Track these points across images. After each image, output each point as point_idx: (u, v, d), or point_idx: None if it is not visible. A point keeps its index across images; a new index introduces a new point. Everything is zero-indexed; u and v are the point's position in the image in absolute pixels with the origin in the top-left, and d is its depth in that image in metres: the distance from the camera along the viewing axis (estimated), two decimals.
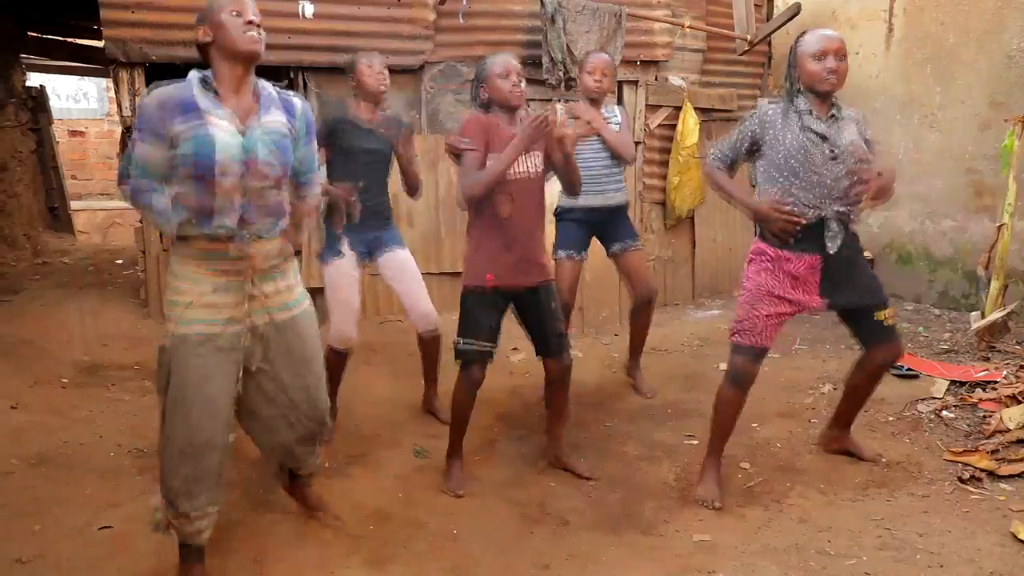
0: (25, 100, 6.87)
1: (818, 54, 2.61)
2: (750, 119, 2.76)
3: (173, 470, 2.10)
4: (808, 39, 2.66)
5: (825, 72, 2.60)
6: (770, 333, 2.76)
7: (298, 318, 2.23)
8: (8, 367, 3.76)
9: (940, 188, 5.35)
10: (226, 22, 2.01)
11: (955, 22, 5.18)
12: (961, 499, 2.79)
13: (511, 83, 2.76)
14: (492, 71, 2.78)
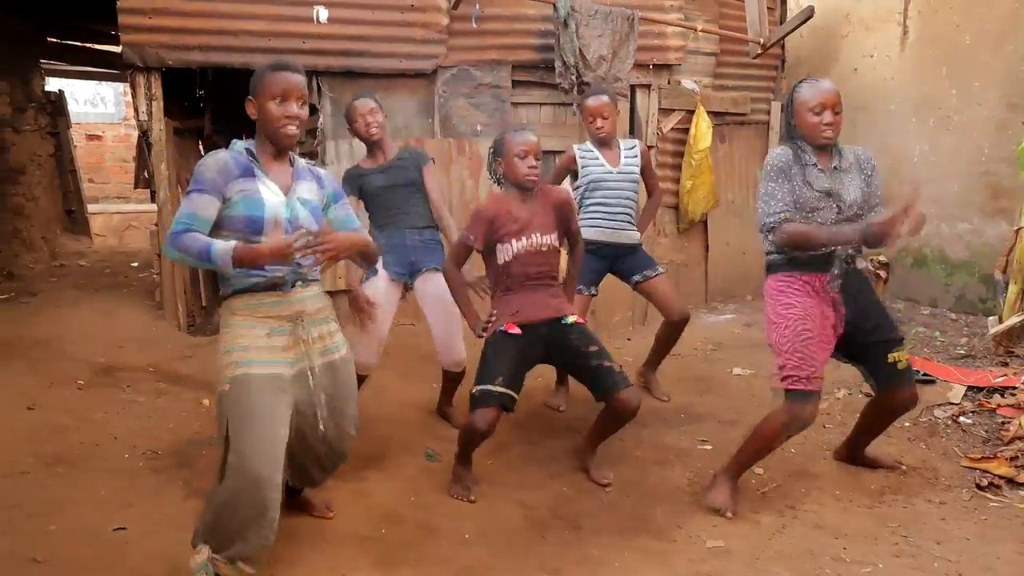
0: (44, 105, 6.95)
1: (816, 108, 2.60)
2: (776, 164, 2.64)
3: (232, 513, 2.07)
4: (805, 92, 2.64)
5: (822, 126, 2.60)
6: (822, 374, 2.65)
7: (339, 362, 2.34)
8: (25, 368, 3.79)
9: (956, 191, 5.30)
10: (269, 109, 2.16)
11: (970, 23, 5.13)
12: (979, 506, 2.75)
13: (527, 165, 2.79)
14: (510, 149, 2.81)
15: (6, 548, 2.39)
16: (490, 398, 2.68)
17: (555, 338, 2.86)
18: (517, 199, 2.87)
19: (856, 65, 5.96)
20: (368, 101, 3.32)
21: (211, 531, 2.13)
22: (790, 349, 2.62)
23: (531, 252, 2.85)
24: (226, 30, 4.49)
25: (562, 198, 2.94)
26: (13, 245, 6.02)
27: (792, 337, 2.62)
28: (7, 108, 6.13)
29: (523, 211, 2.85)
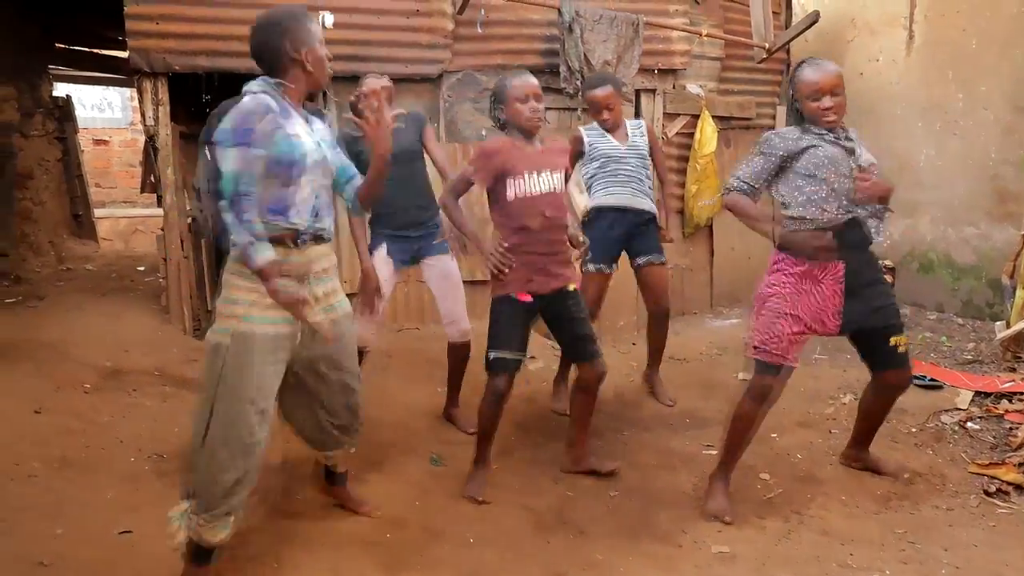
0: (52, 110, 6.98)
1: (815, 93, 2.62)
2: (775, 142, 2.70)
3: (220, 469, 2.09)
4: (803, 77, 2.65)
5: (821, 110, 2.62)
6: (796, 352, 2.70)
7: (341, 319, 2.37)
8: (32, 371, 3.80)
9: (963, 195, 5.28)
10: (322, 56, 2.26)
11: (977, 27, 5.12)
12: (987, 513, 2.74)
13: (529, 108, 2.77)
14: (511, 93, 2.78)
15: (13, 551, 2.40)
16: (507, 364, 2.83)
17: (555, 301, 2.90)
18: (523, 141, 2.84)
19: (862, 69, 5.95)
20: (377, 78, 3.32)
21: (195, 490, 2.12)
22: (763, 323, 2.72)
23: (543, 195, 2.80)
24: (232, 35, 4.50)
25: (562, 143, 3.05)
26: (20, 249, 6.04)
27: (768, 311, 2.72)
28: (15, 113, 6.15)
29: (531, 148, 2.84)
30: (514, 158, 2.79)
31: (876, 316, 2.73)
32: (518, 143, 2.83)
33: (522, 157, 2.80)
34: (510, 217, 2.82)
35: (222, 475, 2.09)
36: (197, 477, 2.12)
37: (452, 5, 4.84)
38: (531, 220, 2.79)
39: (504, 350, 2.81)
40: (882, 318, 2.74)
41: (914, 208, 5.63)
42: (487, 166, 2.79)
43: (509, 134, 2.86)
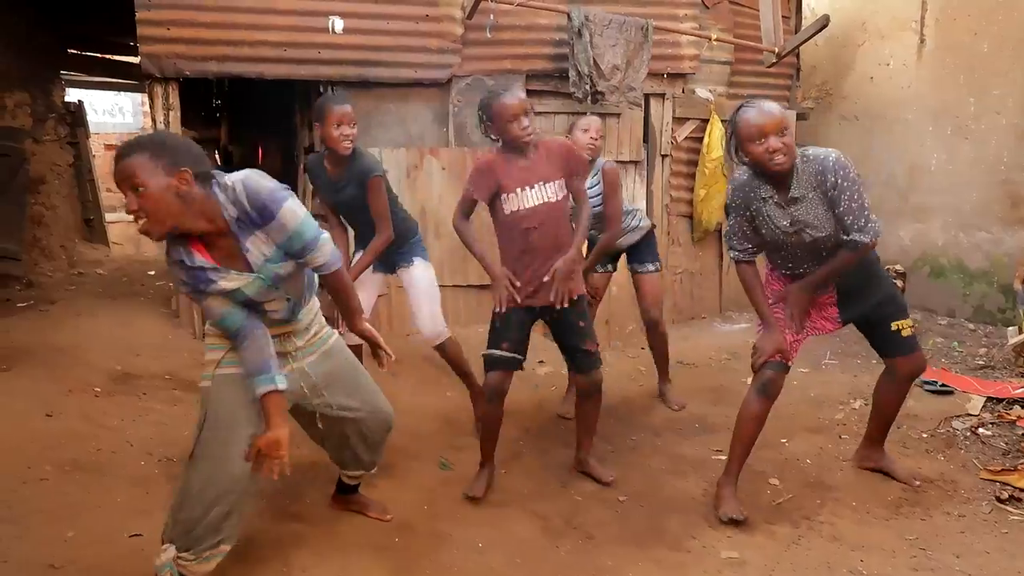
0: (64, 115, 7.04)
1: (755, 136, 2.45)
2: (733, 201, 2.67)
3: (203, 508, 2.08)
4: (743, 120, 2.47)
5: (767, 154, 2.44)
6: (795, 349, 2.78)
7: (329, 349, 2.37)
8: (44, 375, 3.83)
9: (974, 200, 5.25)
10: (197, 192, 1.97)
11: (989, 31, 5.10)
12: (999, 519, 2.71)
13: (520, 127, 2.74)
14: (499, 113, 2.75)
15: (24, 554, 2.41)
16: (498, 362, 2.85)
17: (556, 310, 2.88)
18: (515, 154, 2.83)
19: (872, 74, 5.93)
20: (346, 104, 3.10)
21: (183, 528, 2.10)
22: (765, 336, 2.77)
23: (539, 207, 2.79)
24: (242, 41, 4.54)
25: (562, 145, 2.90)
26: (33, 254, 6.09)
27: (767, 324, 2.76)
28: (28, 119, 6.21)
29: (524, 161, 2.82)
30: (505, 174, 2.80)
31: (874, 309, 2.78)
32: (510, 157, 2.83)
33: (513, 172, 2.80)
34: (508, 231, 2.86)
35: (212, 510, 2.08)
36: (185, 515, 2.09)
37: (461, 10, 4.85)
38: (527, 233, 2.81)
39: (496, 348, 2.85)
40: (880, 308, 2.78)
41: (925, 213, 5.60)
42: (481, 183, 2.83)
43: (501, 148, 2.86)
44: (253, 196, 1.95)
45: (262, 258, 2.03)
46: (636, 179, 5.40)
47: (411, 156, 4.87)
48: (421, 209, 4.82)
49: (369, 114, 4.86)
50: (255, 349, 2.08)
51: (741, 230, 2.72)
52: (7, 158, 5.57)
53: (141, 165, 1.87)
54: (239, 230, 1.98)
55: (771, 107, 2.48)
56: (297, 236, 2.02)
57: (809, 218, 2.57)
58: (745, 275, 2.76)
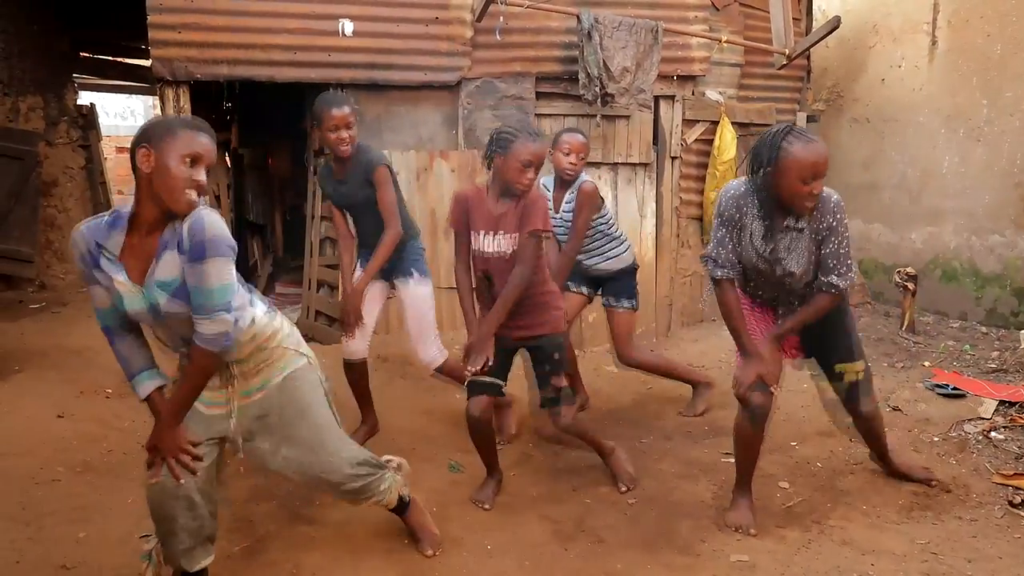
0: (76, 118, 7.09)
1: (807, 176, 2.35)
2: (726, 210, 2.57)
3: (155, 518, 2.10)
4: (800, 154, 2.35)
5: (809, 196, 2.39)
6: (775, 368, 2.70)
7: (283, 385, 2.16)
8: (56, 377, 3.86)
9: (987, 203, 5.22)
10: (174, 169, 1.82)
11: (1002, 33, 5.07)
12: (1012, 524, 2.69)
13: (527, 176, 2.65)
14: (517, 155, 2.63)
15: (37, 555, 2.43)
16: (478, 387, 2.82)
17: (527, 346, 2.88)
18: (496, 195, 2.76)
19: (884, 76, 5.91)
20: (344, 107, 3.04)
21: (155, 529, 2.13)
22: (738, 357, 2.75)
23: (491, 255, 2.76)
24: (253, 44, 4.56)
25: (534, 201, 2.71)
26: (45, 256, 6.14)
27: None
28: (41, 122, 6.27)
29: (499, 207, 2.75)
30: (475, 212, 2.78)
31: (824, 347, 2.78)
32: (487, 198, 2.77)
33: (482, 214, 2.76)
34: (475, 264, 2.85)
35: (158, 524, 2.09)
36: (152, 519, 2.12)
37: (471, 12, 4.86)
38: (485, 276, 2.81)
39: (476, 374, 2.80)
40: (828, 348, 2.78)
41: (937, 216, 5.57)
42: (456, 214, 2.82)
43: (491, 181, 2.78)
44: (196, 230, 1.84)
45: (156, 279, 1.89)
46: (646, 181, 5.39)
47: (421, 159, 4.88)
48: (431, 211, 4.83)
49: (379, 117, 4.88)
50: (126, 349, 2.02)
51: (731, 244, 2.59)
52: (21, 161, 5.62)
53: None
54: (164, 241, 1.89)
55: (823, 149, 2.39)
56: (206, 293, 1.86)
57: (789, 251, 2.52)
58: (727, 296, 2.63)
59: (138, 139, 1.85)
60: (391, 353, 4.50)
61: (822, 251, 2.52)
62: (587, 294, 3.75)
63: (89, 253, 1.91)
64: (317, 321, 5.06)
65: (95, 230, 1.91)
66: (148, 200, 1.86)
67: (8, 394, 3.58)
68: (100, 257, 1.90)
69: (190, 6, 4.43)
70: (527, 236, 2.68)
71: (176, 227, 1.87)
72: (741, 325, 2.65)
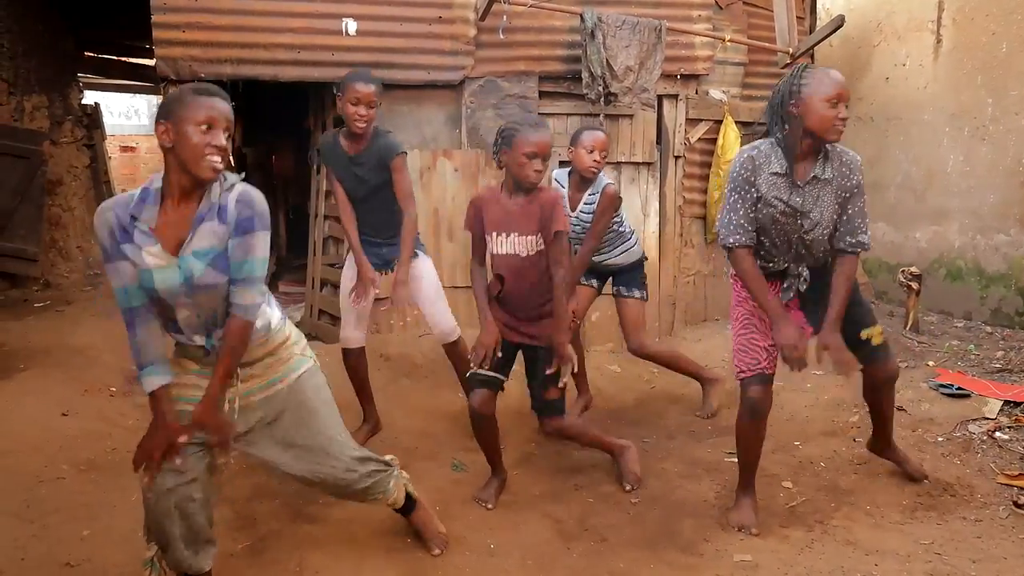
0: (81, 117, 7.11)
1: (833, 98, 2.37)
2: (740, 174, 2.51)
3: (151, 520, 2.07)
4: (820, 79, 2.40)
5: (837, 120, 2.39)
6: (772, 359, 2.68)
7: (293, 387, 2.16)
8: (60, 375, 3.87)
9: (992, 202, 5.20)
10: (191, 137, 1.85)
11: (1008, 31, 5.05)
12: (1017, 524, 2.68)
13: (533, 168, 2.63)
14: (520, 146, 2.62)
15: (41, 552, 2.44)
16: (480, 382, 2.83)
17: (527, 350, 2.88)
18: (509, 193, 2.76)
19: (888, 75, 5.89)
20: (369, 84, 3.07)
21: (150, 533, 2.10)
22: (737, 345, 2.74)
23: (507, 256, 2.76)
24: (257, 43, 4.57)
25: (549, 199, 2.71)
26: (50, 255, 6.16)
27: (738, 334, 2.74)
28: (46, 121, 6.28)
29: (511, 206, 2.73)
30: (488, 214, 2.78)
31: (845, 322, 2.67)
32: (502, 197, 2.77)
33: (498, 215, 2.76)
34: (492, 266, 2.86)
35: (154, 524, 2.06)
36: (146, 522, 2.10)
37: (474, 12, 4.86)
38: (501, 278, 2.82)
39: (478, 367, 2.80)
40: (849, 322, 2.68)
41: (942, 215, 5.55)
42: (473, 218, 2.82)
43: (503, 178, 2.79)
44: (246, 203, 1.94)
45: (193, 249, 1.91)
46: (649, 181, 5.38)
47: (424, 158, 4.88)
48: (434, 210, 4.83)
49: (382, 116, 4.88)
50: (144, 335, 1.98)
51: (744, 208, 2.53)
52: (25, 160, 5.63)
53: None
54: (202, 212, 1.92)
55: (841, 75, 2.44)
56: (250, 264, 1.95)
57: (815, 202, 2.51)
58: (745, 262, 2.56)
59: (157, 117, 1.90)
60: (393, 352, 4.51)
61: (849, 210, 2.54)
62: (596, 287, 3.77)
63: (121, 228, 1.90)
64: (320, 320, 5.06)
65: (126, 205, 1.92)
66: (175, 173, 1.90)
67: (13, 392, 3.59)
68: (134, 231, 1.90)
69: (194, 5, 4.44)
70: (555, 238, 2.68)
71: (212, 198, 1.93)
72: (763, 286, 2.58)
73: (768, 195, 2.52)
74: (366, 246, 3.32)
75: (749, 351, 2.69)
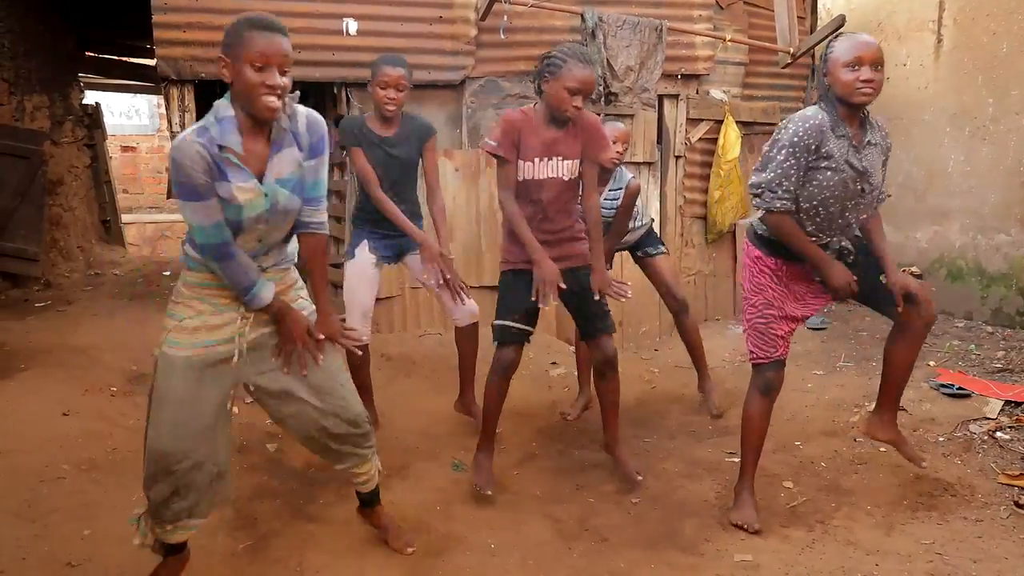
0: (82, 117, 7.12)
1: (852, 62, 2.41)
2: (804, 139, 2.45)
3: (150, 482, 2.04)
4: (841, 44, 2.45)
5: (859, 82, 2.41)
6: (788, 344, 2.72)
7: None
8: (61, 375, 3.87)
9: (993, 202, 5.20)
10: (247, 76, 1.86)
11: (1009, 31, 5.04)
12: (1018, 525, 2.68)
13: (573, 104, 2.63)
14: (565, 79, 2.60)
15: (43, 552, 2.44)
16: (509, 334, 2.80)
17: (568, 278, 2.78)
18: (545, 120, 2.73)
19: (888, 74, 5.84)
20: (398, 68, 3.12)
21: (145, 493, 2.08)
22: (754, 331, 2.71)
23: (548, 180, 2.74)
24: None
25: (591, 124, 2.77)
26: (51, 254, 6.16)
27: (756, 319, 2.70)
28: (47, 121, 6.29)
29: (550, 131, 2.73)
30: (528, 139, 2.72)
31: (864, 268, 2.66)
32: (538, 125, 2.74)
33: (533, 142, 2.72)
34: (520, 195, 2.78)
35: (151, 488, 2.04)
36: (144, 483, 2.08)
37: (475, 11, 4.86)
38: (538, 203, 2.77)
39: (505, 318, 2.79)
40: (871, 270, 2.66)
41: (943, 215, 5.55)
42: (506, 142, 2.72)
43: (538, 105, 2.77)
44: (316, 125, 2.02)
45: (276, 176, 1.96)
46: (650, 180, 5.39)
47: None
48: None
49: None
50: (245, 259, 1.98)
51: (796, 175, 2.47)
52: (26, 160, 5.63)
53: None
54: (277, 139, 1.97)
55: (870, 39, 2.46)
56: (320, 184, 2.07)
57: (873, 167, 2.55)
58: (786, 222, 2.50)
59: (221, 49, 1.91)
60: (394, 352, 4.51)
61: (884, 171, 2.63)
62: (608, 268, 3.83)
63: (213, 161, 1.88)
64: None
65: (210, 136, 1.89)
66: (239, 106, 1.92)
67: (14, 392, 3.59)
68: (222, 163, 1.90)
69: (195, 5, 4.45)
70: (590, 164, 2.73)
71: (282, 123, 1.95)
72: (807, 240, 2.55)
73: (839, 159, 2.49)
74: (382, 239, 3.32)
75: (767, 338, 2.68)
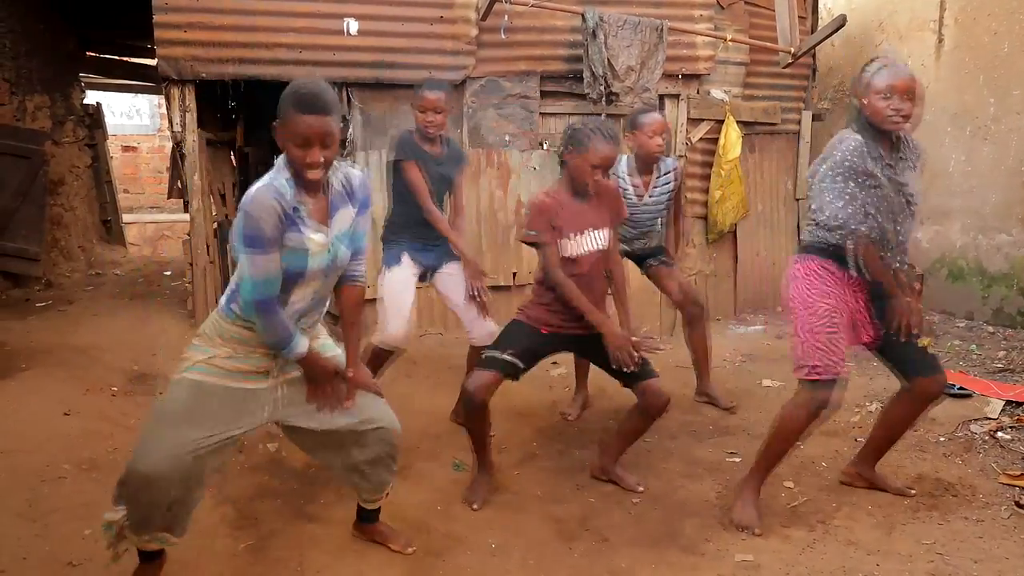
0: (83, 117, 7.11)
1: (885, 91, 2.46)
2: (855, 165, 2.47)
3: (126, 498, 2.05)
4: (875, 71, 2.50)
5: (890, 111, 2.46)
6: (845, 362, 2.62)
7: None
8: (62, 375, 3.87)
9: (994, 202, 5.20)
10: (292, 152, 1.96)
11: (1010, 31, 5.04)
12: (1018, 525, 2.68)
13: (595, 177, 2.73)
14: (591, 156, 2.70)
15: (44, 551, 2.44)
16: (493, 363, 2.76)
17: (590, 339, 2.83)
18: (570, 193, 2.83)
19: None
20: (436, 91, 3.25)
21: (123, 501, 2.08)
22: (815, 342, 2.57)
23: (587, 255, 2.82)
24: (259, 43, 4.57)
25: (613, 191, 2.94)
26: (52, 254, 6.16)
27: (821, 329, 2.57)
28: (48, 121, 6.29)
29: (576, 205, 2.81)
30: (562, 217, 2.79)
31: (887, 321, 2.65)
32: (565, 200, 2.81)
33: (566, 216, 2.79)
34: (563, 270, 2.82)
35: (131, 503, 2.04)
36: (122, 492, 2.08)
37: (476, 11, 4.86)
38: (577, 275, 2.81)
39: (497, 351, 2.79)
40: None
41: (944, 215, 5.55)
42: (544, 225, 2.78)
43: (563, 177, 2.85)
44: (363, 186, 2.18)
45: (336, 232, 2.09)
46: None
47: None
48: None
49: (384, 115, 4.89)
50: (284, 316, 2.05)
51: (863, 196, 2.48)
52: (27, 160, 5.64)
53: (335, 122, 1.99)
54: (335, 199, 2.10)
55: (905, 70, 2.51)
56: (364, 236, 2.22)
57: (909, 179, 2.56)
58: (871, 250, 2.51)
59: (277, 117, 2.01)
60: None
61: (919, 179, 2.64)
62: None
63: (287, 216, 1.98)
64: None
65: (283, 195, 1.98)
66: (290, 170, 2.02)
67: (15, 392, 3.59)
68: (296, 218, 2.00)
69: (196, 5, 4.45)
70: (614, 228, 2.86)
71: (335, 184, 2.10)
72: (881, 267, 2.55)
73: (883, 178, 2.51)
74: (422, 249, 3.38)
75: (830, 351, 2.56)
